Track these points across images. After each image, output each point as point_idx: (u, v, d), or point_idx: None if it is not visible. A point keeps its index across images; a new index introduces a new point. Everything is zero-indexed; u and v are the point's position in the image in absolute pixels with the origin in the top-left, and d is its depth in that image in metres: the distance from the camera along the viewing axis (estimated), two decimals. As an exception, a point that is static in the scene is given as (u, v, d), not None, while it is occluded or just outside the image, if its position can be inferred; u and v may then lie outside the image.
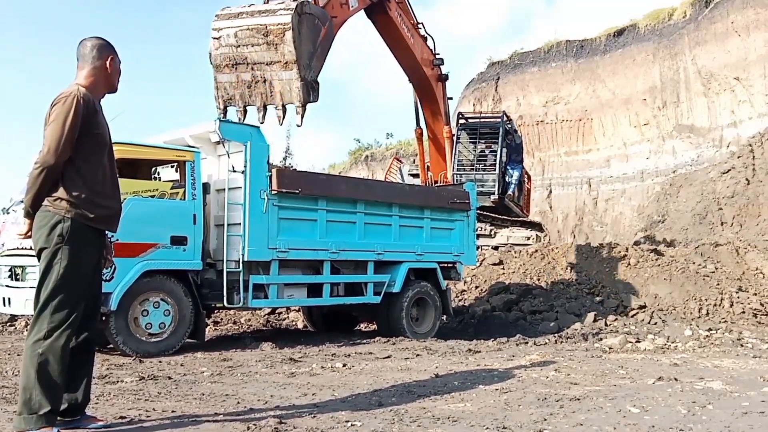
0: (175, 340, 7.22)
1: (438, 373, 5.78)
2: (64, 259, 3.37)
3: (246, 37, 8.33)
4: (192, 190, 7.52)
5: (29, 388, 3.27)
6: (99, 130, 3.52)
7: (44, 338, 3.30)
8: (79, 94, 3.42)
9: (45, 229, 3.40)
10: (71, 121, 3.36)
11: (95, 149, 3.51)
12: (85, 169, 3.47)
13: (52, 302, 3.33)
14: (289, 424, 3.77)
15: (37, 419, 3.25)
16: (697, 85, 23.86)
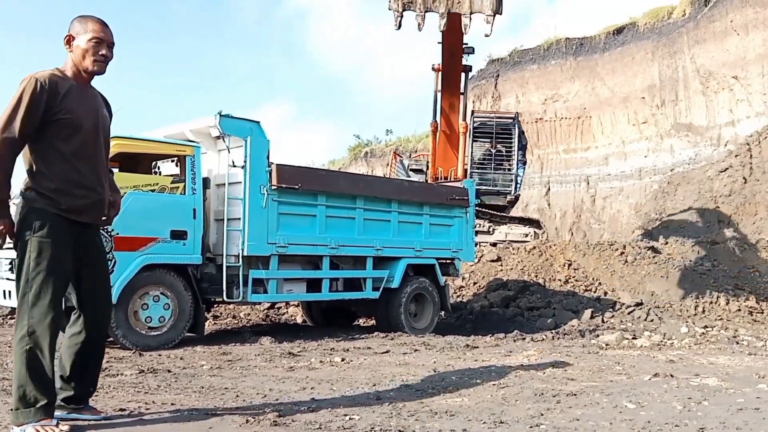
0: (174, 333, 7.26)
1: (436, 368, 5.82)
2: (33, 250, 3.26)
3: None
4: (192, 184, 7.54)
5: (23, 384, 3.24)
6: (68, 115, 3.31)
7: (28, 335, 3.22)
8: (36, 76, 3.26)
9: (18, 221, 3.32)
10: (17, 99, 3.21)
11: (64, 135, 3.32)
12: (53, 157, 3.31)
13: (28, 296, 3.26)
14: (288, 417, 3.81)
15: (35, 412, 3.22)
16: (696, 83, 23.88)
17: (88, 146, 3.43)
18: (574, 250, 13.05)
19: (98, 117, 3.51)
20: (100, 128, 3.52)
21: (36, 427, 3.20)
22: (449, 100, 14.58)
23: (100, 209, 3.56)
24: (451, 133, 14.95)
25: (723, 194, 18.22)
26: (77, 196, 3.39)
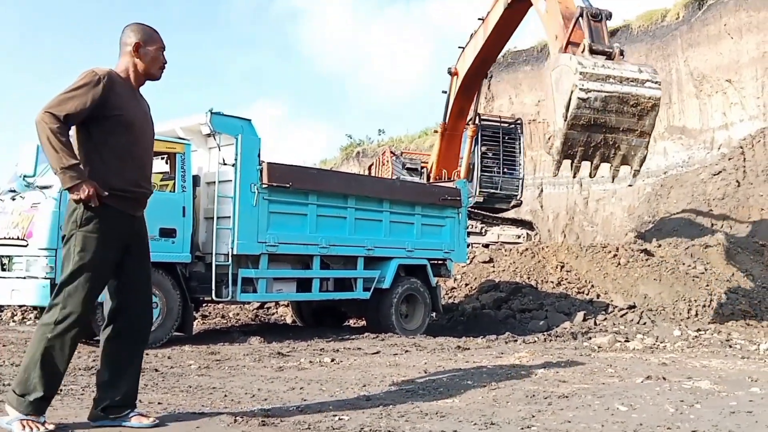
0: (162, 332, 7.18)
1: (427, 369, 5.76)
2: (77, 245, 3.28)
3: (613, 104, 8.28)
4: (182, 182, 7.47)
5: (29, 368, 3.20)
6: (122, 113, 3.39)
7: (54, 323, 3.22)
8: (96, 70, 3.35)
9: (66, 213, 3.36)
10: (73, 86, 3.26)
11: (115, 130, 3.39)
12: (103, 152, 3.36)
13: (66, 288, 3.26)
14: (277, 417, 3.74)
15: (27, 404, 3.17)
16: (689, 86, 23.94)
17: (139, 144, 3.52)
18: (567, 252, 13.02)
19: (148, 118, 3.67)
20: (149, 129, 3.67)
21: (23, 422, 3.16)
22: (461, 104, 14.60)
23: (144, 202, 3.65)
24: (456, 136, 15.00)
25: (716, 197, 18.25)
26: (126, 192, 3.43)
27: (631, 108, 8.32)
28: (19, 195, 7.00)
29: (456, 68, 14.26)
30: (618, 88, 8.27)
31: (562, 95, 8.44)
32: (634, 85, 8.34)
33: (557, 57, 9.00)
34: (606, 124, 8.37)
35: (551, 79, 8.87)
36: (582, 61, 8.36)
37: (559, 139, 8.44)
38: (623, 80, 8.33)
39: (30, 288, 6.61)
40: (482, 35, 13.24)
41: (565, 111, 8.24)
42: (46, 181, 6.79)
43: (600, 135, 8.44)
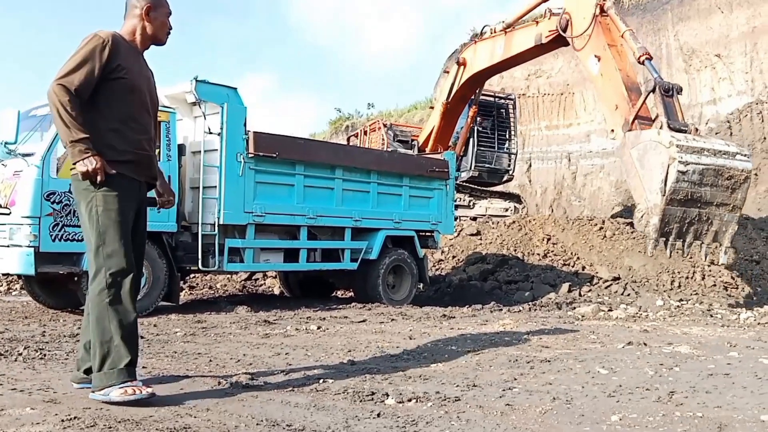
0: (148, 301, 7.18)
1: (412, 335, 5.81)
2: (100, 204, 3.24)
3: (709, 177, 8.27)
4: (167, 151, 7.42)
5: (106, 341, 3.14)
6: (126, 76, 3.33)
7: (107, 288, 3.17)
8: (100, 34, 3.29)
9: (76, 182, 3.31)
10: (81, 53, 3.21)
11: (119, 94, 3.33)
12: (107, 115, 3.31)
13: (102, 249, 3.21)
14: (261, 380, 3.77)
15: (118, 373, 3.12)
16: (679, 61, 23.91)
17: (143, 108, 3.46)
18: (553, 225, 13.08)
19: (151, 83, 3.58)
20: (153, 93, 3.59)
21: (122, 389, 3.10)
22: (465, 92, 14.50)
23: (152, 168, 3.56)
24: (455, 114, 14.95)
25: (702, 172, 18.34)
26: (132, 155, 3.37)
27: (725, 181, 8.42)
28: (1, 162, 6.93)
29: (464, 59, 14.03)
30: (714, 161, 8.31)
31: (653, 171, 8.36)
32: (727, 158, 8.42)
33: (638, 134, 8.87)
34: (701, 199, 8.39)
35: (632, 157, 8.77)
36: (674, 135, 8.31)
37: (657, 216, 8.38)
38: (717, 153, 8.40)
39: (13, 256, 6.57)
40: (501, 49, 12.82)
41: (663, 185, 8.20)
42: (28, 148, 6.73)
43: (695, 210, 8.47)
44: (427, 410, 3.15)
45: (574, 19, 10.74)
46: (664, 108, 8.91)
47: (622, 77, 9.59)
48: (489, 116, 16.41)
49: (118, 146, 3.32)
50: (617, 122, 9.65)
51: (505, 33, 12.87)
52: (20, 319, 6.67)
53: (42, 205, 6.54)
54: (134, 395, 3.09)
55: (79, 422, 2.79)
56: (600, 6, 10.19)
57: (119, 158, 3.31)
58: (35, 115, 7.15)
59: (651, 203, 8.44)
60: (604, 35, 10.10)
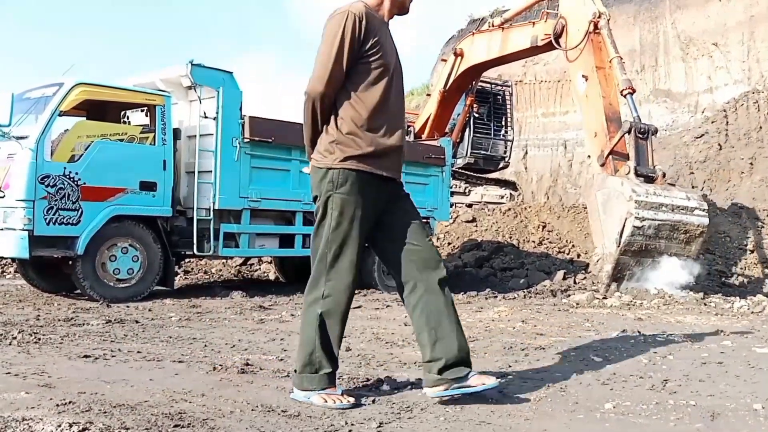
0: (143, 286, 7.17)
1: (407, 322, 5.80)
2: (335, 208, 2.95)
3: (665, 231, 8.55)
4: (162, 135, 7.38)
5: (311, 349, 2.99)
6: (380, 55, 2.95)
7: (322, 297, 2.98)
8: (353, 10, 2.89)
9: (316, 174, 3.01)
10: (339, 42, 2.85)
11: (374, 78, 2.95)
12: (359, 103, 2.95)
13: (327, 257, 2.98)
14: (256, 365, 3.78)
15: (319, 379, 2.98)
16: (676, 49, 23.87)
17: (395, 90, 3.07)
18: (549, 213, 13.10)
19: (398, 58, 3.14)
20: (401, 71, 3.15)
21: (322, 396, 2.96)
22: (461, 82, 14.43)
23: (401, 161, 3.16)
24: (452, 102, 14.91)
25: (698, 160, 18.38)
26: (381, 146, 3.00)
27: (681, 234, 8.72)
28: (-5, 145, 6.88)
29: (461, 49, 13.96)
30: (671, 216, 8.60)
31: (613, 220, 8.66)
32: (684, 213, 8.72)
33: (604, 179, 9.10)
34: (656, 249, 8.67)
35: (597, 200, 9.02)
36: (635, 188, 8.54)
37: (610, 264, 8.68)
38: (675, 208, 8.67)
39: (8, 240, 6.54)
40: (497, 45, 12.78)
41: (619, 237, 8.50)
42: (22, 131, 6.68)
43: (649, 259, 8.75)
44: (422, 397, 3.16)
45: (569, 28, 10.69)
46: (635, 152, 9.15)
47: (604, 105, 9.70)
48: (485, 103, 16.38)
49: (368, 138, 2.96)
50: (594, 151, 9.92)
51: (502, 29, 12.82)
52: (14, 302, 6.66)
53: (36, 188, 6.51)
54: (335, 404, 2.92)
55: (74, 407, 2.79)
56: (594, 23, 10.15)
57: (366, 151, 2.96)
58: (29, 98, 7.09)
59: (607, 251, 8.81)
60: (594, 55, 10.13)
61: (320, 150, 3.02)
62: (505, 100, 16.80)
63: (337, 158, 2.95)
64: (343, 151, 2.95)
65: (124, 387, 3.22)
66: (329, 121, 2.99)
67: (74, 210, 6.71)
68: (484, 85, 16.45)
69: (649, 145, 9.35)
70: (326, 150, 2.98)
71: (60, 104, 6.80)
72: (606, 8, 9.22)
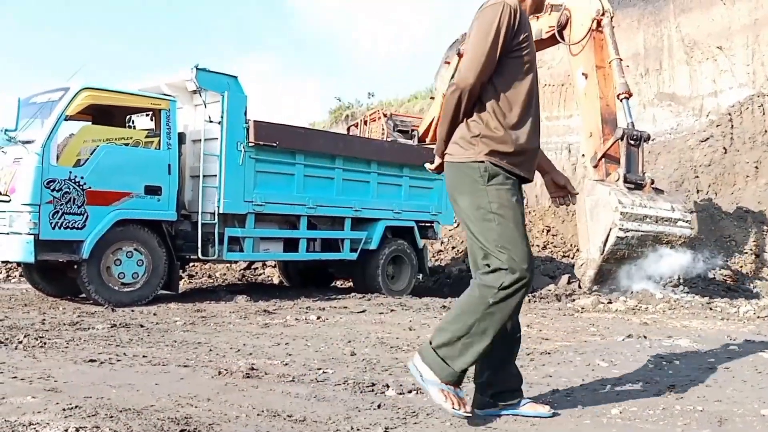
0: (148, 290, 7.18)
1: (412, 326, 5.82)
2: (493, 200, 2.72)
3: (648, 240, 8.79)
4: (167, 139, 7.40)
5: (457, 331, 2.68)
6: (526, 51, 2.81)
7: (499, 288, 2.66)
8: (509, 2, 2.74)
9: (456, 170, 2.80)
10: (494, 33, 2.69)
11: (519, 75, 2.80)
12: (505, 99, 2.77)
13: (507, 248, 2.67)
14: (261, 370, 3.77)
15: (450, 373, 2.68)
16: (680, 53, 23.84)
17: (534, 88, 2.91)
18: (553, 217, 13.08)
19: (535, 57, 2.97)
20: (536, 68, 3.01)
21: (444, 391, 2.68)
22: None
23: (535, 164, 2.99)
24: None
25: (703, 164, 18.33)
26: (522, 146, 2.81)
27: (663, 245, 8.95)
28: (1, 150, 6.91)
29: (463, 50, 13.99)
30: (654, 228, 8.81)
31: (598, 228, 8.82)
32: (668, 225, 8.96)
33: (593, 186, 9.23)
34: (637, 257, 8.86)
35: (585, 205, 9.14)
36: (621, 199, 8.70)
37: (592, 269, 8.89)
38: (659, 220, 8.88)
39: (13, 244, 6.56)
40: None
41: (603, 245, 8.70)
42: (29, 135, 6.71)
43: (630, 266, 8.94)
44: (427, 402, 3.14)
45: (573, 21, 10.68)
46: (626, 158, 9.23)
47: (601, 106, 9.72)
48: None
49: (514, 138, 2.78)
50: (588, 151, 10.05)
51: None
52: (20, 306, 6.67)
53: (42, 192, 6.53)
54: (451, 407, 2.67)
55: (80, 411, 2.79)
56: (597, 21, 10.16)
57: (509, 150, 2.78)
58: (35, 103, 7.12)
59: (591, 256, 8.96)
60: (596, 53, 10.14)
61: (459, 143, 2.80)
62: None
63: (482, 151, 2.75)
64: (488, 145, 2.75)
65: (129, 391, 3.22)
66: (470, 115, 2.79)
67: (79, 214, 6.73)
68: None
69: (641, 152, 9.42)
70: (468, 143, 2.77)
71: (66, 109, 6.83)
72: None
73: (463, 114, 2.79)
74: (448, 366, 2.69)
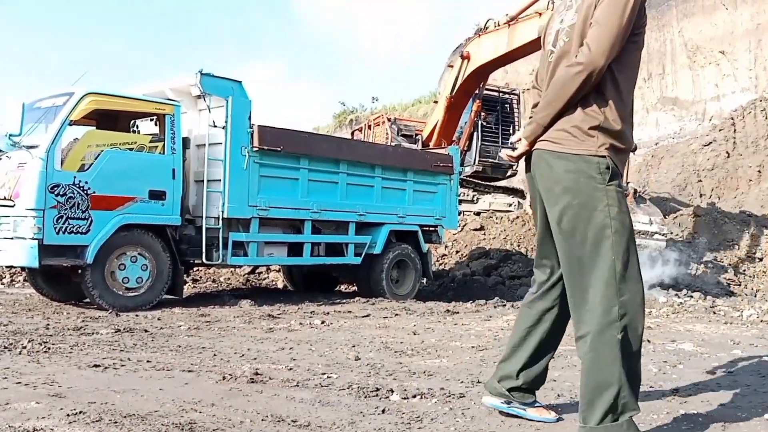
0: (152, 295, 7.18)
1: (416, 331, 5.81)
2: (613, 204, 2.41)
3: None
4: (171, 144, 7.42)
5: (612, 384, 2.38)
6: (642, 38, 2.53)
7: (619, 317, 2.37)
8: None
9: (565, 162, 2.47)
10: (630, 13, 2.41)
11: (632, 63, 2.53)
12: (619, 89, 2.50)
13: (616, 264, 2.39)
14: (265, 375, 3.78)
15: (627, 426, 2.40)
16: (683, 57, 23.86)
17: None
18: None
19: None
20: None
21: None
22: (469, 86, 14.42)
23: None
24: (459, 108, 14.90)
25: (706, 168, 18.33)
26: (628, 142, 2.55)
27: None
28: (5, 155, 6.93)
29: (468, 53, 13.97)
30: None
31: None
32: (645, 237, 9.27)
33: None
34: None
35: None
36: None
37: None
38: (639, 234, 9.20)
39: (18, 249, 6.58)
40: (505, 42, 12.86)
41: None
42: (33, 140, 6.73)
43: None
44: (432, 407, 3.16)
45: None
46: None
47: None
48: (493, 111, 16.35)
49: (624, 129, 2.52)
50: None
51: (508, 26, 12.85)
52: (24, 311, 6.69)
53: (46, 197, 6.55)
54: None
55: (84, 417, 2.80)
56: None
57: (621, 145, 2.52)
58: (39, 107, 7.14)
59: None
60: None
61: (572, 132, 2.49)
62: (512, 108, 16.78)
63: (603, 145, 2.46)
64: (607, 139, 2.47)
65: (134, 396, 3.22)
66: (587, 102, 2.48)
67: (84, 219, 6.74)
68: (492, 93, 16.44)
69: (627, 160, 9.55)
70: (585, 134, 2.47)
71: (70, 114, 6.85)
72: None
73: (577, 99, 2.47)
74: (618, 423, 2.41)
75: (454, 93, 14.37)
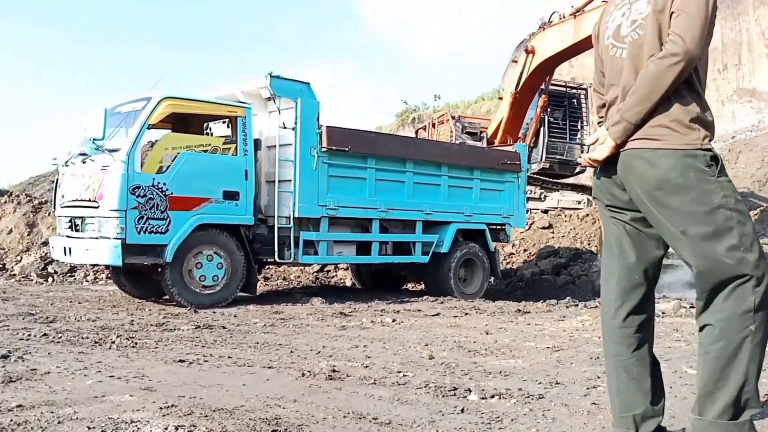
0: (228, 292, 7.38)
1: (488, 330, 5.77)
2: (728, 195, 2.25)
3: None
4: (243, 145, 7.59)
5: (738, 381, 2.21)
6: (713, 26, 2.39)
7: (754, 310, 2.20)
8: None
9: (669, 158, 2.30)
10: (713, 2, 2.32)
11: (707, 51, 2.41)
12: (700, 78, 2.39)
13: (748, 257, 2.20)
14: (343, 372, 3.83)
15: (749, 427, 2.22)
16: (760, 47, 22.81)
17: None
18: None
19: None
20: None
21: None
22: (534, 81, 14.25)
23: None
24: (524, 104, 14.73)
25: (787, 162, 17.47)
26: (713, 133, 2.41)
27: None
28: (90, 158, 7.24)
29: (533, 47, 13.78)
30: None
31: None
32: None
33: None
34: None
35: None
36: None
37: None
38: None
39: (102, 248, 6.87)
40: (570, 34, 12.64)
41: None
42: (114, 144, 7.01)
43: None
44: (511, 407, 3.13)
45: None
46: None
47: None
48: (560, 106, 16.03)
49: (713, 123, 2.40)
50: None
51: (574, 17, 12.58)
52: (109, 308, 6.98)
53: (128, 198, 6.81)
54: None
55: (176, 410, 2.90)
56: None
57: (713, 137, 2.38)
58: (120, 112, 7.43)
59: None
60: None
61: (671, 127, 2.33)
62: (580, 103, 16.40)
63: (705, 137, 2.33)
64: (707, 131, 2.34)
65: (219, 391, 3.33)
66: (680, 95, 2.34)
67: (163, 219, 6.99)
68: (558, 88, 16.13)
69: None
70: (686, 127, 2.32)
71: (149, 118, 7.10)
72: None
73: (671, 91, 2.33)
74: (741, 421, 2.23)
75: (519, 89, 14.16)
